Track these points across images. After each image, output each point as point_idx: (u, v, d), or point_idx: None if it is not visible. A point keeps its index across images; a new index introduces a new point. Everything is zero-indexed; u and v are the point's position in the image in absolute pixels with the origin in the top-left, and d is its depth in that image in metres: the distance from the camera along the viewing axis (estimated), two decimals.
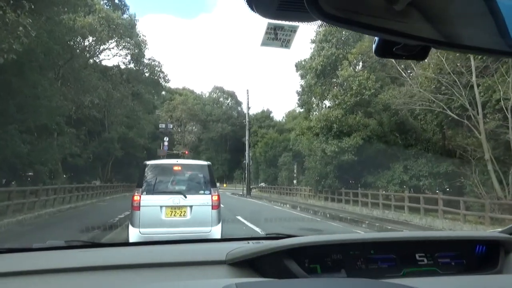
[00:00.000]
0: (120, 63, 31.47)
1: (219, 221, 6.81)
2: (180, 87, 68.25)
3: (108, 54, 34.06)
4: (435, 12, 0.58)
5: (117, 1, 31.08)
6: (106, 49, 28.99)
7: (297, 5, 0.54)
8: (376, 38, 0.65)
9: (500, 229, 1.90)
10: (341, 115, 21.90)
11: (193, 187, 7.02)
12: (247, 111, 41.07)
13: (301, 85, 34.36)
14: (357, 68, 24.96)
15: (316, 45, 28.13)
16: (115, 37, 27.71)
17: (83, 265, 1.50)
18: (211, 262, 1.55)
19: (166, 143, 46.20)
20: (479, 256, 1.71)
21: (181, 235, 5.90)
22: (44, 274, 1.43)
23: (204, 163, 7.40)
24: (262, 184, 47.97)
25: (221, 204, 7.29)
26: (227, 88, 71.10)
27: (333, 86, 25.80)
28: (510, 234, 1.76)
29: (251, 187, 38.49)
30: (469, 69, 14.47)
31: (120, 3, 31.34)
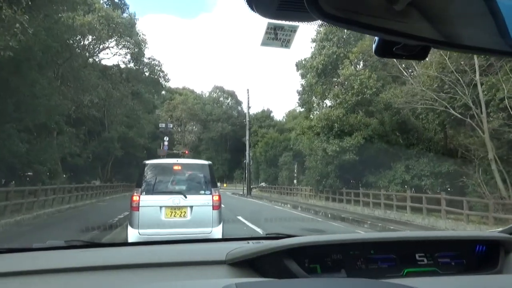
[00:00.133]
0: (120, 62, 31.41)
1: (220, 221, 6.67)
2: (180, 86, 68.46)
3: (108, 53, 34.12)
4: (435, 12, 0.58)
5: (116, 0, 30.99)
6: (105, 48, 28.95)
7: (297, 5, 0.54)
8: (376, 38, 0.66)
9: (500, 228, 1.90)
10: (342, 114, 21.76)
11: (193, 187, 6.89)
12: (247, 110, 41.04)
13: (302, 84, 34.34)
14: (358, 67, 24.88)
15: (317, 44, 28.03)
16: (114, 36, 27.60)
17: (83, 265, 1.51)
18: (211, 262, 1.55)
19: (166, 143, 46.11)
20: (479, 256, 1.71)
21: (181, 236, 5.76)
22: (44, 274, 1.44)
23: (204, 162, 7.27)
24: (262, 184, 47.85)
25: (222, 204, 7.14)
26: (227, 87, 71.12)
27: (334, 85, 25.68)
28: (510, 234, 1.76)
29: (251, 187, 38.44)
30: (473, 67, 14.38)
31: (120, 2, 31.31)
